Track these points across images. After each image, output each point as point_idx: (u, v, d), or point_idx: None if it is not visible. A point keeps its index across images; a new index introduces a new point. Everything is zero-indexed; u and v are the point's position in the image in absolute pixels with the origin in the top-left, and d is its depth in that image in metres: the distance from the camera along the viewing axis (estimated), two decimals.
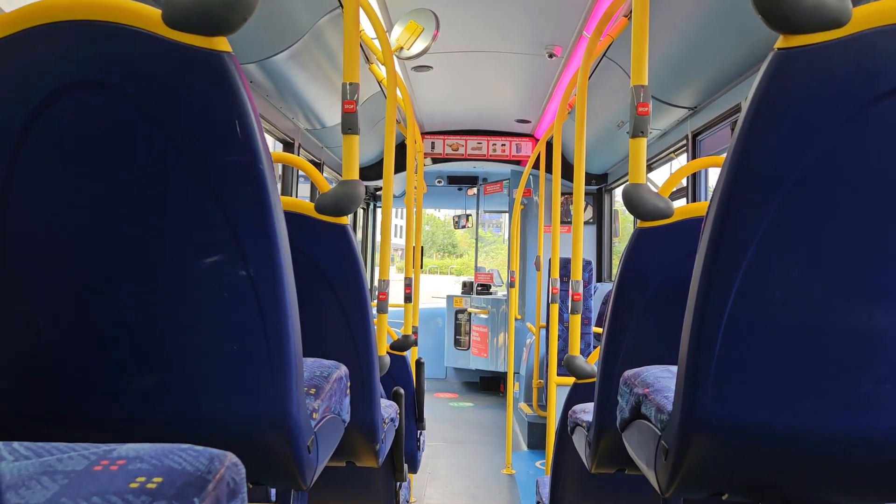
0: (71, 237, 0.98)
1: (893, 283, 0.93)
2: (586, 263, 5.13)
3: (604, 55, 3.77)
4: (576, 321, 2.59)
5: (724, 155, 0.96)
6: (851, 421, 0.95)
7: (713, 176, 3.95)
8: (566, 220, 6.34)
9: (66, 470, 0.66)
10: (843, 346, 0.94)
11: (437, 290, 8.42)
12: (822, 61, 0.88)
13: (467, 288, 8.52)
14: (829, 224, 0.92)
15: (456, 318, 8.25)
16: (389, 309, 2.62)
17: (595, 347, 4.50)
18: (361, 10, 2.48)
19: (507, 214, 7.99)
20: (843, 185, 0.91)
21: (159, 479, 0.64)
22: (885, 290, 0.93)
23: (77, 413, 1.00)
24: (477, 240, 9.94)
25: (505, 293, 7.77)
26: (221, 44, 0.94)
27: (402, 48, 3.46)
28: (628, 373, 1.39)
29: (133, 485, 0.63)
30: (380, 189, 7.17)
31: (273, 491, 1.43)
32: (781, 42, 0.89)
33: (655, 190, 1.68)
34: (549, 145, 5.27)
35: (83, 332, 0.99)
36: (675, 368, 1.19)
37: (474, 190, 8.34)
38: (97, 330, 0.99)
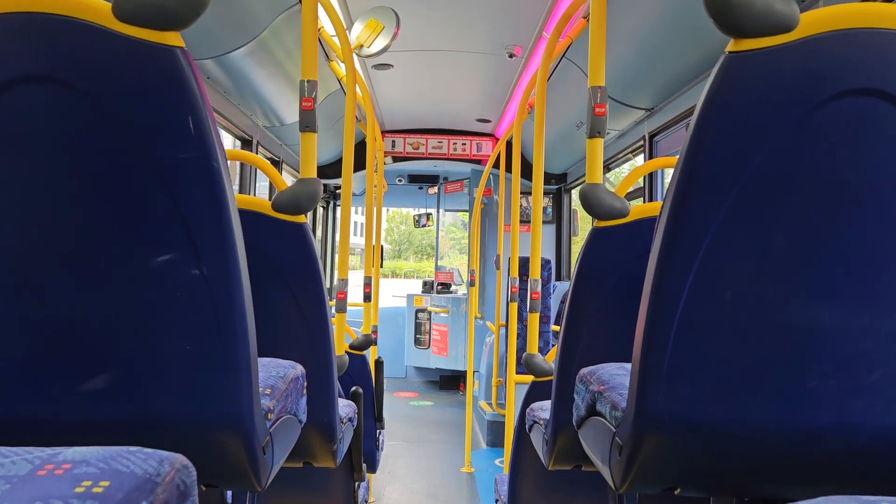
0: (18, 234, 0.95)
1: (838, 283, 0.95)
2: (545, 262, 5.19)
3: (563, 56, 3.81)
4: (534, 319, 2.61)
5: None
6: (798, 416, 0.98)
7: (669, 176, 4.01)
8: (526, 219, 6.38)
9: (9, 475, 0.64)
10: (789, 343, 0.97)
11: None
12: (770, 65, 0.90)
13: (428, 287, 8.52)
14: (777, 225, 0.94)
15: (416, 317, 8.24)
16: (350, 308, 2.61)
17: (554, 346, 4.54)
18: (321, 7, 2.46)
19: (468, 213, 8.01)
20: (789, 187, 0.93)
21: (106, 483, 0.63)
22: (829, 290, 0.95)
23: (22, 416, 0.97)
24: (438, 238, 9.94)
25: (465, 292, 7.80)
26: (174, 39, 0.92)
27: (362, 46, 3.44)
28: (584, 370, 1.41)
29: (78, 489, 0.61)
30: (339, 187, 7.13)
31: (229, 493, 1.41)
32: (732, 46, 0.91)
33: (613, 190, 1.71)
34: (510, 145, 5.29)
35: (30, 333, 0.96)
36: (629, 366, 1.21)
37: (435, 189, 8.34)
38: (45, 330, 0.96)
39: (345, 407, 1.99)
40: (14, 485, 0.62)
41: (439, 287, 8.33)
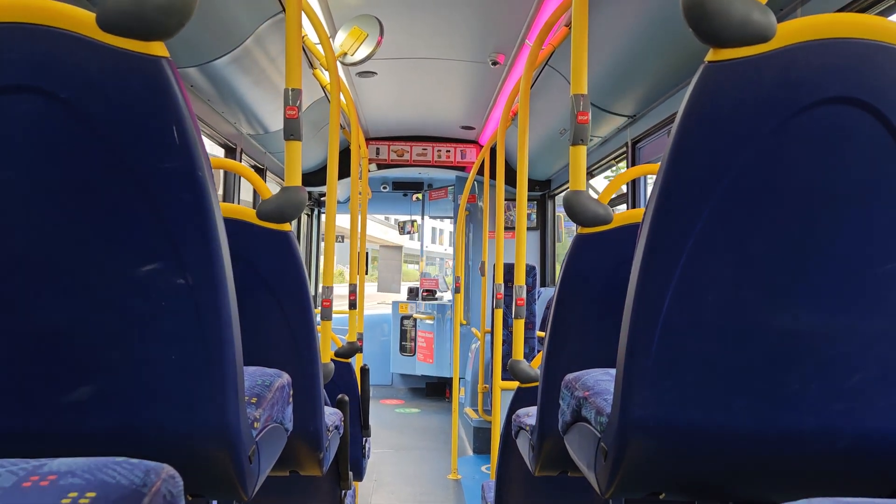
0: (0, 244, 0.94)
1: (818, 287, 0.97)
2: (530, 269, 5.19)
3: (546, 64, 3.83)
4: (520, 326, 2.62)
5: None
6: (780, 419, 0.99)
7: (652, 183, 4.04)
8: (510, 225, 6.40)
9: None
10: (771, 347, 0.98)
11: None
12: (749, 74, 0.92)
13: (413, 294, 8.51)
14: (757, 230, 0.96)
15: (402, 325, 8.23)
16: (335, 316, 2.60)
17: (539, 351, 4.55)
18: (304, 16, 2.46)
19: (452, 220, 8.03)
20: (769, 193, 0.95)
21: (92, 494, 0.63)
22: (809, 294, 0.97)
23: (6, 428, 0.96)
24: (423, 245, 9.94)
25: (450, 299, 7.80)
26: (158, 48, 0.92)
27: (345, 54, 3.44)
28: (570, 376, 1.42)
29: (65, 500, 0.61)
30: (324, 195, 7.12)
31: (214, 503, 1.40)
32: (711, 55, 0.93)
33: (596, 197, 1.72)
34: (494, 152, 5.31)
35: (12, 343, 0.95)
36: (615, 371, 1.22)
37: (419, 196, 8.35)
38: (28, 340, 0.96)
39: (331, 415, 1.98)
40: None
41: (424, 294, 8.33)
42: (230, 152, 4.26)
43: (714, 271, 0.97)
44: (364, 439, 3.04)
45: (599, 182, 5.52)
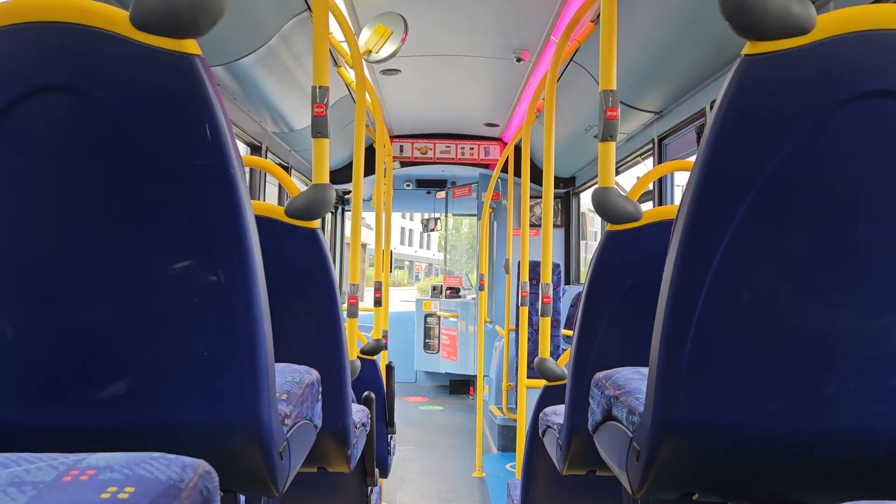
0: (37, 243, 0.95)
1: (857, 285, 0.95)
2: (555, 266, 5.18)
3: (571, 59, 3.81)
4: (546, 324, 2.60)
5: (691, 159, 0.97)
6: (818, 420, 0.97)
7: (679, 179, 4.01)
8: (535, 223, 6.38)
9: (35, 481, 0.64)
10: (808, 346, 0.96)
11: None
12: (788, 67, 0.90)
13: (437, 291, 8.52)
14: (796, 226, 0.94)
15: (426, 322, 8.24)
16: (359, 313, 2.61)
17: (564, 350, 4.53)
18: (330, 14, 2.47)
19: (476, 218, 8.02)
20: (808, 189, 0.93)
21: (131, 489, 0.63)
22: (849, 292, 0.95)
23: (46, 422, 0.98)
24: (446, 244, 9.95)
25: (474, 296, 7.79)
26: (191, 46, 0.92)
27: (370, 51, 3.45)
28: (599, 375, 1.40)
29: (104, 495, 0.62)
30: (348, 192, 7.14)
31: (242, 497, 1.41)
32: (748, 48, 0.91)
33: (623, 193, 1.70)
34: (518, 149, 5.30)
35: (50, 340, 0.97)
36: (645, 370, 1.20)
37: (443, 193, 8.35)
38: (64, 336, 0.97)
39: (358, 412, 1.99)
40: (41, 490, 0.62)
41: (448, 291, 8.34)
42: (256, 150, 4.29)
43: (751, 269, 0.95)
44: (389, 436, 3.05)
45: (623, 178, 5.47)
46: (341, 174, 6.34)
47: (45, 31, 0.92)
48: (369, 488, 2.59)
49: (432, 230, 9.02)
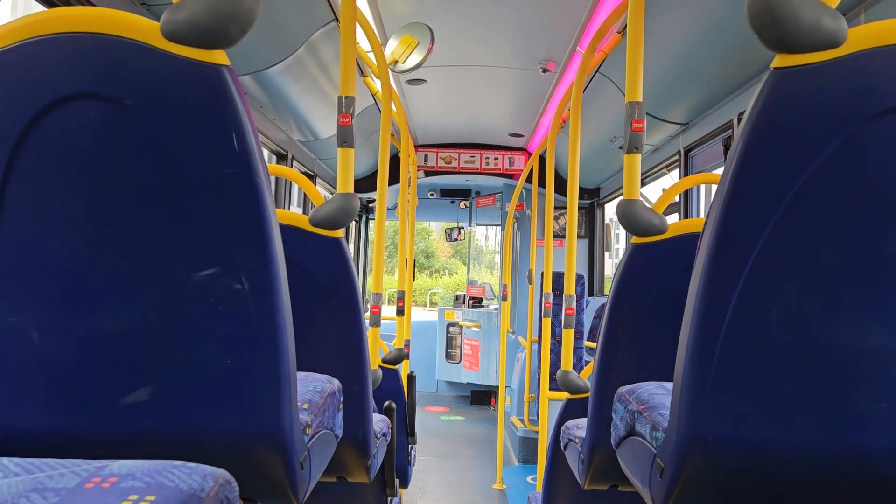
0: (64, 249, 0.97)
1: (888, 301, 0.93)
2: (578, 277, 5.15)
3: (597, 71, 3.80)
4: (569, 336, 2.58)
5: (718, 171, 0.96)
6: (847, 438, 0.95)
7: (704, 192, 3.97)
8: (559, 233, 6.36)
9: (57, 487, 0.65)
10: (838, 363, 0.94)
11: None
12: (819, 81, 0.89)
13: (459, 301, 8.51)
14: (826, 241, 0.92)
15: (448, 332, 8.23)
16: (381, 322, 2.61)
17: (587, 362, 4.50)
18: (357, 24, 2.49)
19: (500, 228, 8.01)
20: (839, 203, 0.91)
21: (152, 498, 0.63)
22: (879, 308, 0.93)
23: (68, 428, 0.99)
24: (469, 254, 9.94)
25: (497, 307, 7.76)
26: (220, 57, 0.93)
27: (396, 61, 3.47)
28: (623, 389, 1.39)
29: (125, 503, 0.62)
30: (371, 201, 7.18)
31: None
32: (778, 61, 0.90)
33: (649, 205, 1.69)
34: (542, 159, 5.28)
35: (75, 346, 0.98)
36: (670, 385, 1.18)
37: (467, 203, 8.35)
38: (90, 344, 0.98)
39: (378, 422, 1.99)
40: (63, 497, 0.63)
41: (471, 301, 8.32)
42: (282, 159, 4.32)
43: (780, 283, 0.93)
44: (410, 446, 3.04)
45: (648, 190, 5.44)
46: (366, 183, 6.37)
47: (78, 42, 0.93)
48: (389, 499, 2.58)
49: (455, 239, 9.02)
